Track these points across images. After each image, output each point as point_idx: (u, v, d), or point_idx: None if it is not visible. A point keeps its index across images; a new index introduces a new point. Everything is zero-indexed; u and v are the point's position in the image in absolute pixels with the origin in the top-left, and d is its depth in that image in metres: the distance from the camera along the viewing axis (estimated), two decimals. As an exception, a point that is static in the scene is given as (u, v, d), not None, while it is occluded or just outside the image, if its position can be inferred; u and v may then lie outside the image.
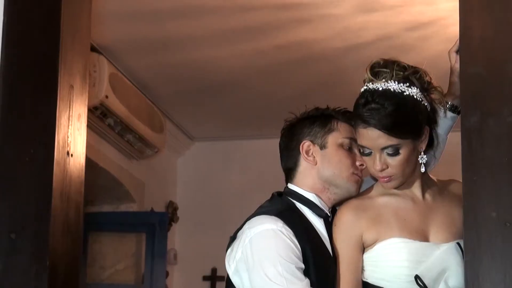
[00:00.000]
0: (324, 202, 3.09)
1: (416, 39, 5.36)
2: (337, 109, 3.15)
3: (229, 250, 3.00)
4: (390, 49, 4.91)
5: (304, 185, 3.11)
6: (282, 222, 2.92)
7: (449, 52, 3.09)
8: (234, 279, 2.96)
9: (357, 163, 3.05)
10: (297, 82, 6.13)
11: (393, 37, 5.38)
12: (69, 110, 2.89)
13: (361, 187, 3.14)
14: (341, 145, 3.09)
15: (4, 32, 2.91)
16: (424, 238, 2.96)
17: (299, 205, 3.07)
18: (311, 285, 2.85)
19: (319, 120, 3.14)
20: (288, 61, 5.84)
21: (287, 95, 6.17)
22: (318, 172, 3.09)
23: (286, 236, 2.89)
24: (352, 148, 3.08)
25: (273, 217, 2.94)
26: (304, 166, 3.12)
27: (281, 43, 5.58)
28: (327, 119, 3.13)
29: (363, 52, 5.40)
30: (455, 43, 2.90)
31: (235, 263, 2.95)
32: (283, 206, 3.04)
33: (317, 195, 3.09)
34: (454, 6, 2.66)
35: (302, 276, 2.85)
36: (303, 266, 2.87)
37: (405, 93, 2.92)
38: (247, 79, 6.14)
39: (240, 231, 2.97)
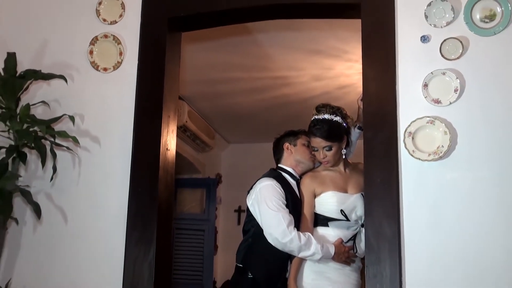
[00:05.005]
0: (296, 172, 3.09)
1: (342, 93, 5.31)
2: (299, 130, 3.19)
3: (248, 195, 3.02)
4: (329, 99, 4.86)
5: (286, 164, 3.12)
6: (275, 181, 2.96)
7: (357, 99, 3.09)
8: (251, 209, 2.98)
9: (312, 153, 3.05)
10: (281, 115, 6.06)
11: (330, 92, 5.32)
12: (168, 128, 2.87)
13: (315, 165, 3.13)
14: (304, 144, 3.12)
15: (137, 88, 2.88)
16: (345, 191, 2.96)
17: (284, 174, 3.08)
18: (289, 212, 2.87)
19: (292, 134, 3.18)
20: (277, 104, 5.78)
21: (277, 121, 6.05)
22: (293, 157, 3.11)
23: (278, 187, 2.93)
24: (309, 146, 3.08)
25: (271, 178, 2.98)
26: (285, 155, 3.13)
27: (274, 95, 5.54)
28: (296, 133, 3.18)
29: (315, 100, 5.24)
30: (360, 95, 2.90)
31: (251, 200, 2.98)
32: (276, 174, 3.06)
33: (293, 169, 3.09)
34: (361, 78, 2.66)
35: (285, 207, 2.87)
36: (285, 202, 2.90)
37: (333, 120, 2.94)
38: (257, 112, 6.10)
39: (254, 185, 3.01)
